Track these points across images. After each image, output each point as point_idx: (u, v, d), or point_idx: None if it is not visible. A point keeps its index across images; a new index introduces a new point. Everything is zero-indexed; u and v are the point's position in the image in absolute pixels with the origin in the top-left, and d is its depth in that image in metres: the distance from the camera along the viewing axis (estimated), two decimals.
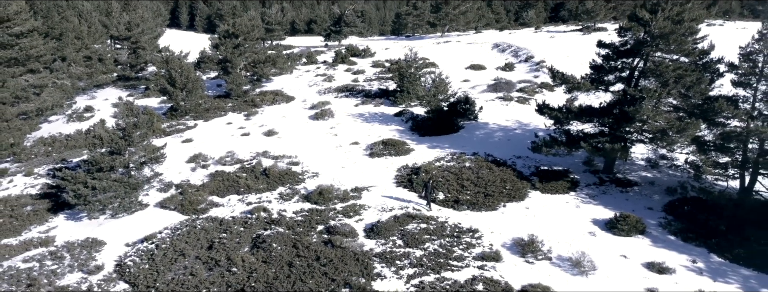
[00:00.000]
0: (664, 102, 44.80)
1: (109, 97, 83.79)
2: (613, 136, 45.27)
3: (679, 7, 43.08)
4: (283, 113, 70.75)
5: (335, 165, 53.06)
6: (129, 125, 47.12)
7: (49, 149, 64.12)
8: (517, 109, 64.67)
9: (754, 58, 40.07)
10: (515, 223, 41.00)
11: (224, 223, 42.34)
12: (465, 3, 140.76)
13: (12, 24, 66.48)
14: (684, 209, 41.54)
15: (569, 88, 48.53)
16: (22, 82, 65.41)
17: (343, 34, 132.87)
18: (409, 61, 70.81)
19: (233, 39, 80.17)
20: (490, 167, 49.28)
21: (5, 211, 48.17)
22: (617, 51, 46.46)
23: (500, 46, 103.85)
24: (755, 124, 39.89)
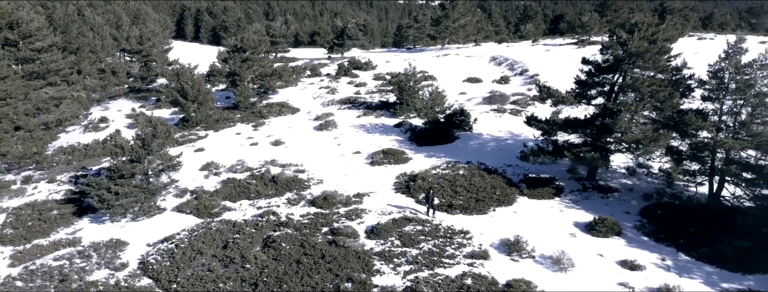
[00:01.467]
0: (641, 114, 48.54)
1: (122, 109, 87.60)
2: (595, 146, 49.02)
3: (654, 27, 46.96)
4: (289, 124, 74.48)
5: (338, 173, 56.80)
6: (148, 135, 50.87)
7: (69, 157, 67.89)
8: (510, 121, 68.27)
9: (721, 75, 43.95)
10: (503, 225, 44.72)
11: (237, 225, 46.11)
12: (464, 17, 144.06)
13: (34, 39, 70.68)
14: (658, 213, 45.30)
15: (555, 101, 52.48)
16: (43, 95, 69.38)
17: (346, 47, 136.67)
18: (408, 75, 74.60)
19: (241, 53, 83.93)
20: (482, 174, 53.06)
21: (34, 214, 52.10)
22: (599, 67, 50.23)
23: (497, 59, 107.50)
24: (721, 136, 43.73)
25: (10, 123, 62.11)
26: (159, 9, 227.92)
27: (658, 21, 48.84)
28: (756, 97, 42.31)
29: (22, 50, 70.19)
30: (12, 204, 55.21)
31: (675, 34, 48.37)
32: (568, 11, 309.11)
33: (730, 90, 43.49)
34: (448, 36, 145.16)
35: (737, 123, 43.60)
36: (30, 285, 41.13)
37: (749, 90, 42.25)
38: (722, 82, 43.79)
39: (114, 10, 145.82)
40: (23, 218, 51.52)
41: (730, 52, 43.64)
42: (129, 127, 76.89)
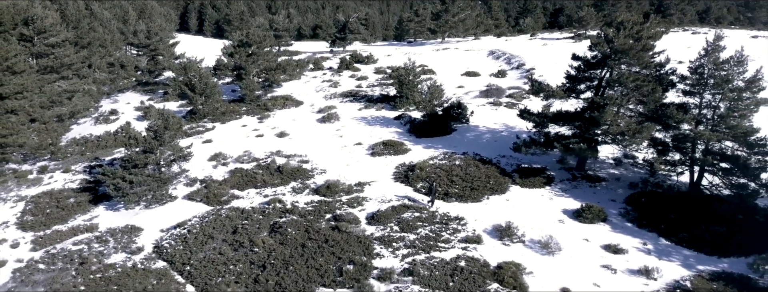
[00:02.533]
0: (626, 108, 51.26)
1: (131, 101, 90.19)
2: (584, 138, 51.72)
3: (638, 25, 49.66)
4: (293, 116, 77.14)
5: (341, 163, 59.54)
6: (160, 127, 53.61)
7: (82, 148, 70.63)
8: (505, 114, 70.88)
9: (700, 71, 46.62)
10: (496, 212, 47.48)
11: (245, 212, 48.94)
12: (464, 11, 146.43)
13: (48, 35, 73.28)
14: (641, 201, 48.06)
15: (546, 95, 55.20)
16: (56, 88, 72.06)
17: (348, 41, 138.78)
18: (408, 69, 77.23)
19: (247, 48, 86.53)
20: (477, 164, 55.81)
21: (52, 202, 54.99)
22: (588, 63, 52.88)
23: (495, 53, 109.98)
24: (701, 128, 46.48)
25: (26, 115, 64.86)
26: (163, 2, 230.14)
27: (642, 19, 51.49)
28: (732, 92, 44.97)
29: (37, 45, 72.80)
30: (30, 193, 58.10)
31: (659, 32, 51.04)
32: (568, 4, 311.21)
33: (709, 85, 46.16)
34: (448, 30, 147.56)
35: (716, 116, 46.25)
36: (52, 267, 44.08)
37: (726, 85, 44.92)
38: (702, 78, 46.45)
39: (121, 4, 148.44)
40: (42, 206, 54.43)
41: (709, 49, 46.20)
42: (138, 120, 79.47)
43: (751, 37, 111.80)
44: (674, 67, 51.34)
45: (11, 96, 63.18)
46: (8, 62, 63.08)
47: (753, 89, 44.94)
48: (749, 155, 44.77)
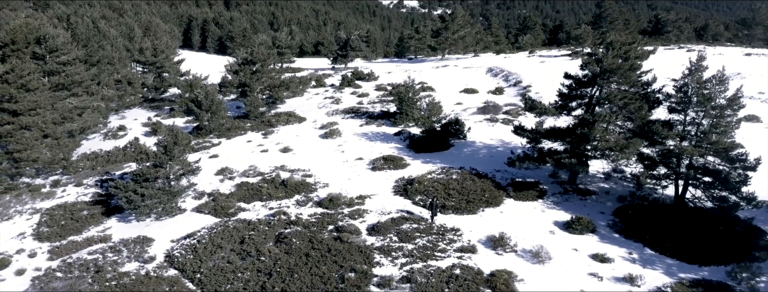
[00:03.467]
0: (615, 124, 53.77)
1: (138, 117, 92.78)
2: (575, 153, 54.24)
3: (626, 46, 52.23)
4: (296, 132, 79.56)
5: (342, 177, 61.91)
6: (169, 143, 56.06)
7: (93, 163, 73.10)
8: (501, 130, 73.22)
9: (685, 89, 49.11)
10: (490, 224, 49.86)
11: (252, 224, 51.34)
12: (463, 28, 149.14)
13: (59, 53, 75.71)
14: (629, 213, 50.47)
15: (539, 112, 57.78)
16: (67, 105, 74.49)
17: (349, 58, 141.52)
18: (408, 87, 79.75)
19: (251, 65, 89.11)
20: (473, 178, 58.22)
21: (66, 214, 57.52)
22: (579, 82, 55.36)
23: (493, 70, 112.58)
24: (685, 144, 48.94)
25: (39, 131, 67.33)
26: (167, 19, 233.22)
27: (630, 40, 54.10)
28: (714, 110, 47.40)
29: (49, 63, 75.30)
30: (45, 205, 60.67)
31: (645, 52, 53.65)
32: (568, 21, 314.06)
33: (693, 103, 48.59)
34: (448, 47, 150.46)
35: (699, 132, 48.66)
36: (69, 275, 46.56)
37: (709, 103, 47.34)
38: (686, 96, 48.91)
39: (126, 22, 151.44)
40: (56, 218, 57.00)
41: (693, 68, 48.72)
42: (146, 135, 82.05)
43: (745, 55, 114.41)
44: (665, 83, 53.80)
45: (25, 113, 65.74)
46: (23, 80, 65.63)
47: (733, 107, 47.33)
48: (730, 169, 47.22)
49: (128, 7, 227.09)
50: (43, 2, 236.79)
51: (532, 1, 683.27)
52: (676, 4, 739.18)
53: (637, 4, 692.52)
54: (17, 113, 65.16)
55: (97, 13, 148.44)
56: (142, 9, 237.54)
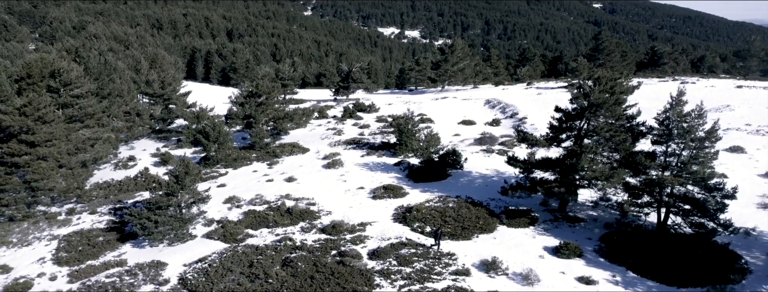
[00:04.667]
0: (601, 155, 56.94)
1: (147, 148, 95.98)
2: (564, 183, 57.45)
3: (612, 81, 55.53)
4: (300, 162, 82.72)
5: (345, 205, 64.96)
6: (181, 173, 59.23)
7: (105, 192, 76.11)
8: (497, 160, 76.20)
9: (666, 122, 52.30)
10: (484, 249, 52.88)
11: (259, 249, 54.34)
12: (463, 61, 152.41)
13: (73, 87, 78.89)
14: (614, 239, 53.53)
15: (530, 144, 61.02)
16: (80, 136, 77.60)
17: (351, 90, 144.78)
18: (407, 119, 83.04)
19: (256, 98, 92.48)
20: (468, 206, 61.31)
21: (83, 241, 60.57)
22: (568, 115, 58.59)
23: (491, 102, 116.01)
24: (666, 174, 52.05)
25: (55, 161, 70.38)
26: (171, 50, 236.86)
27: (616, 76, 57.44)
28: (693, 142, 50.52)
29: (63, 96, 78.52)
30: (62, 232, 63.72)
31: (630, 87, 57.05)
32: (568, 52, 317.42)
33: (673, 135, 51.74)
34: (447, 79, 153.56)
35: (679, 163, 51.78)
36: None
37: (688, 135, 50.46)
38: (667, 129, 52.03)
39: (133, 54, 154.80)
40: (74, 244, 60.06)
41: (673, 103, 51.91)
42: (155, 165, 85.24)
43: (736, 87, 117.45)
44: (655, 116, 57.01)
45: (42, 144, 68.81)
46: (39, 113, 68.78)
47: (711, 139, 50.41)
48: (707, 197, 50.35)
49: (133, 39, 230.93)
50: (50, 34, 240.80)
51: (532, 31, 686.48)
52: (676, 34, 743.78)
53: (637, 35, 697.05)
54: (34, 144, 68.18)
55: (104, 46, 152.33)
56: (147, 41, 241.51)
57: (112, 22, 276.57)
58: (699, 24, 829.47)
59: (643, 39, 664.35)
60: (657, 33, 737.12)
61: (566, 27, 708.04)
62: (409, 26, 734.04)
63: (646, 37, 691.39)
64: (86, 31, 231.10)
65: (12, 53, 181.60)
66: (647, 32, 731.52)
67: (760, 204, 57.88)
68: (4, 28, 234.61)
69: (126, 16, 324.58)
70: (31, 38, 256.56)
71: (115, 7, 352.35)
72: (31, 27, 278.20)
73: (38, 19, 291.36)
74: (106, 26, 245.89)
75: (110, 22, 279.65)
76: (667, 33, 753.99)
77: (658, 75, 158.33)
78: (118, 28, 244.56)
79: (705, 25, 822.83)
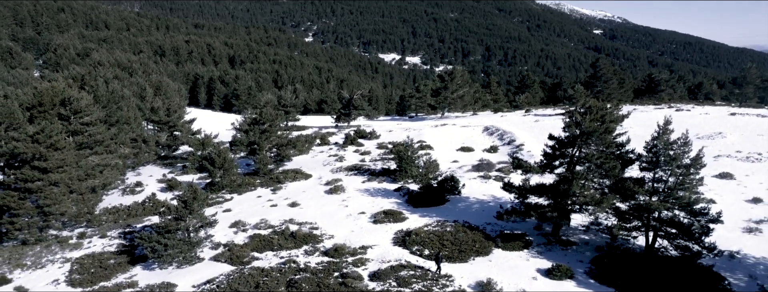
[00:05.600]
0: (592, 181, 59.44)
1: (153, 174, 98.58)
2: (557, 208, 59.92)
3: (602, 111, 58.09)
4: (303, 188, 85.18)
5: (346, 229, 67.37)
6: (189, 198, 61.69)
7: (115, 216, 78.53)
8: (493, 186, 78.44)
9: (654, 150, 54.81)
10: (480, 271, 55.11)
11: (265, 271, 56.58)
12: (462, 88, 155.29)
13: (83, 115, 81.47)
14: (604, 261, 55.77)
15: (525, 171, 63.53)
16: (90, 162, 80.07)
17: (352, 117, 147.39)
18: (407, 146, 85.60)
19: (260, 125, 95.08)
20: (465, 231, 63.65)
21: (94, 263, 62.98)
22: (561, 143, 61.12)
23: (490, 129, 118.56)
24: (653, 199, 54.48)
25: (66, 187, 72.80)
26: (174, 77, 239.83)
27: (606, 106, 60.02)
28: (679, 168, 53.01)
29: (74, 124, 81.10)
30: (74, 255, 66.12)
31: (620, 116, 59.49)
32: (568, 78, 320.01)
33: (661, 162, 54.24)
34: (447, 106, 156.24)
35: (666, 189, 54.25)
36: None
37: (674, 163, 52.97)
38: (655, 156, 54.54)
39: (138, 81, 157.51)
40: (86, 266, 62.46)
41: (660, 131, 54.42)
42: (162, 191, 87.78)
43: (730, 114, 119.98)
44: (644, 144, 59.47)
45: (54, 170, 71.23)
46: (51, 140, 71.28)
47: (696, 166, 52.89)
48: (693, 221, 52.80)
49: (137, 66, 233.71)
50: (54, 61, 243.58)
51: (533, 58, 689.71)
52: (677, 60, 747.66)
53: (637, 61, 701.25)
54: (47, 170, 70.60)
55: (110, 74, 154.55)
56: (151, 68, 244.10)
57: (116, 49, 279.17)
58: (699, 50, 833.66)
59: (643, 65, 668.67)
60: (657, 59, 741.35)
61: (566, 53, 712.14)
62: (409, 52, 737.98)
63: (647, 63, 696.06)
64: (90, 58, 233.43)
65: (18, 80, 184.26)
66: (648, 58, 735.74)
67: (745, 228, 60.17)
68: (9, 55, 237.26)
69: (129, 43, 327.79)
70: (35, 65, 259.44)
71: (118, 34, 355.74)
72: (35, 54, 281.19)
73: (42, 46, 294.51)
74: (110, 53, 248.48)
75: (114, 49, 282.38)
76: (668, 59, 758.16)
77: (654, 102, 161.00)
78: (122, 55, 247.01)
79: (705, 52, 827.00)
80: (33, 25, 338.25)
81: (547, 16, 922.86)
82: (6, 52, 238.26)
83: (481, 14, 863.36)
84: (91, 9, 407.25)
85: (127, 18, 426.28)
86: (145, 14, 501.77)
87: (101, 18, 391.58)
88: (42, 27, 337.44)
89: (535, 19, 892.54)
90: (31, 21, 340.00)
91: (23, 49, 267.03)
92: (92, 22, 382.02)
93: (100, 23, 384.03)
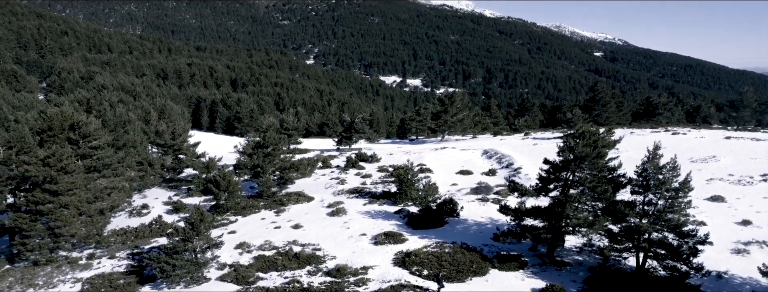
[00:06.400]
0: (585, 203, 61.66)
1: (159, 197, 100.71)
2: (551, 229, 62.13)
3: (595, 136, 60.37)
4: (305, 210, 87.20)
5: (348, 250, 69.38)
6: (196, 220, 63.85)
7: (123, 238, 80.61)
8: (491, 208, 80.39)
9: (644, 174, 57.03)
10: (477, 290, 57.33)
11: (269, 291, 58.75)
12: (462, 112, 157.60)
13: (91, 139, 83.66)
14: (596, 281, 57.78)
15: (520, 194, 65.79)
16: (98, 185, 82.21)
17: (354, 140, 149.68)
18: (407, 169, 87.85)
19: (264, 149, 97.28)
20: (463, 252, 65.73)
21: (105, 283, 65.00)
22: (556, 167, 63.36)
23: (488, 152, 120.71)
24: (644, 222, 56.65)
25: (75, 209, 74.88)
26: (177, 100, 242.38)
27: (601, 131, 62.38)
28: (668, 192, 55.20)
29: (82, 148, 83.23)
30: (84, 275, 68.14)
31: (612, 142, 61.86)
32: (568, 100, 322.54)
33: (650, 186, 56.46)
34: (447, 129, 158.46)
35: (655, 211, 56.44)
36: None
37: (663, 186, 55.18)
38: (645, 180, 56.77)
39: (142, 105, 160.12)
40: (97, 286, 64.53)
41: (650, 156, 56.66)
42: (168, 213, 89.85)
43: (725, 138, 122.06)
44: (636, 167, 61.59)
45: (64, 193, 73.35)
46: (62, 163, 73.37)
47: (684, 190, 55.10)
48: (681, 242, 54.96)
49: (140, 89, 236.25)
50: (58, 84, 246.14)
51: (533, 80, 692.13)
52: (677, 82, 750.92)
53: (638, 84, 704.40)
54: (57, 193, 72.63)
55: (114, 97, 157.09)
56: (154, 91, 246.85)
57: (119, 72, 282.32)
58: (700, 72, 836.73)
59: (644, 87, 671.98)
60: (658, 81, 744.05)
61: (567, 75, 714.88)
62: (410, 75, 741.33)
63: (647, 85, 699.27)
64: (94, 81, 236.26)
65: (23, 103, 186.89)
66: (648, 80, 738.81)
67: (734, 249, 62.20)
68: (14, 79, 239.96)
69: (132, 66, 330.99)
70: (39, 88, 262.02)
71: (121, 57, 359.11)
72: (38, 77, 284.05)
73: (46, 69, 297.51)
74: (113, 77, 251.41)
75: (117, 72, 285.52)
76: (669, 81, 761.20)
77: (652, 126, 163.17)
78: (126, 79, 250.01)
79: (706, 74, 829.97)
80: (36, 48, 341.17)
81: (548, 38, 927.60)
82: (11, 75, 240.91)
83: (482, 37, 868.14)
84: (94, 32, 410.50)
85: (130, 41, 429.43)
86: (148, 37, 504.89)
87: (104, 41, 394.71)
88: (45, 50, 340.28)
89: (536, 41, 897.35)
90: (35, 44, 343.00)
91: (27, 72, 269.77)
92: (95, 45, 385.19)
93: (103, 46, 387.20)
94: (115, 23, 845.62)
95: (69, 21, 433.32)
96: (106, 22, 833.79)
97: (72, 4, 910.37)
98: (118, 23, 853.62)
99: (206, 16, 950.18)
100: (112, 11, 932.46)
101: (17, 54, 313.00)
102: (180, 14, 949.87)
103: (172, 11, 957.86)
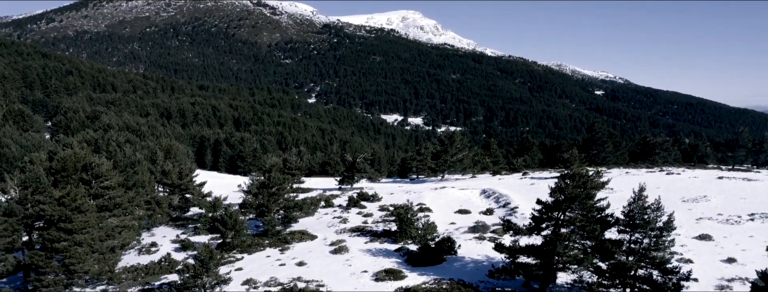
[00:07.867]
0: (574, 241, 64.90)
1: (167, 235, 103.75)
2: (543, 266, 65.33)
3: (584, 178, 63.76)
4: (309, 248, 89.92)
5: (350, 287, 72.00)
6: (206, 257, 67.05)
7: (133, 275, 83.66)
8: (488, 246, 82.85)
9: (631, 214, 60.35)
10: None
11: None
12: (461, 151, 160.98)
13: (103, 179, 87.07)
14: None
15: (515, 233, 69.16)
16: (110, 224, 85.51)
17: (356, 179, 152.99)
18: (407, 209, 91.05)
19: (269, 189, 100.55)
20: (460, 288, 68.62)
21: None
22: (548, 207, 66.59)
23: (487, 192, 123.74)
24: (630, 259, 59.90)
25: (88, 247, 78.09)
26: (181, 140, 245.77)
27: (591, 172, 65.81)
28: (653, 231, 58.54)
29: (95, 188, 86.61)
30: None
31: (600, 183, 65.25)
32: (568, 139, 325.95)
33: (636, 225, 59.77)
34: (447, 168, 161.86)
35: (641, 249, 59.70)
36: None
37: (648, 226, 58.54)
38: (632, 220, 60.10)
39: (148, 145, 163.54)
40: None
41: (636, 197, 60.05)
42: (176, 251, 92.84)
43: (717, 178, 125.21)
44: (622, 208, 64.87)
45: (78, 231, 76.56)
46: (76, 203, 76.68)
47: (668, 229, 58.41)
48: (665, 279, 58.22)
49: (145, 128, 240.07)
50: (64, 124, 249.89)
51: (534, 118, 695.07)
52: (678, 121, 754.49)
53: (639, 122, 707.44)
54: (72, 232, 75.80)
55: (121, 138, 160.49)
56: (159, 131, 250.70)
57: (124, 112, 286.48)
58: (700, 111, 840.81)
59: (644, 126, 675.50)
60: (659, 120, 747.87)
61: (568, 114, 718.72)
62: (412, 113, 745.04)
63: (648, 123, 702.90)
64: (100, 121, 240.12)
65: (31, 143, 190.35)
66: (649, 119, 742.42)
67: (718, 286, 65.08)
68: (21, 118, 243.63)
69: (136, 106, 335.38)
70: (45, 127, 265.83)
71: (126, 96, 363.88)
72: (44, 116, 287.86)
73: (51, 109, 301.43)
74: (118, 116, 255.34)
75: (122, 111, 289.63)
76: (669, 120, 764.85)
77: (647, 165, 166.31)
78: (130, 118, 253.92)
79: (706, 112, 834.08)
80: (42, 87, 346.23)
81: (549, 77, 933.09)
82: (18, 115, 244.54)
83: (483, 75, 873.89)
84: (99, 72, 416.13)
85: (134, 80, 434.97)
86: (151, 76, 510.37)
87: (108, 80, 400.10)
88: (50, 89, 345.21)
89: (537, 80, 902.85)
90: (40, 83, 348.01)
91: (33, 112, 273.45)
92: (99, 84, 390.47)
93: (107, 86, 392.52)
94: (118, 62, 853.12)
95: (74, 60, 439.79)
96: (109, 60, 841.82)
97: (76, 43, 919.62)
98: (121, 62, 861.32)
99: (208, 55, 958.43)
100: (116, 50, 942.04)
101: (23, 93, 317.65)
102: (182, 53, 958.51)
103: (174, 50, 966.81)
